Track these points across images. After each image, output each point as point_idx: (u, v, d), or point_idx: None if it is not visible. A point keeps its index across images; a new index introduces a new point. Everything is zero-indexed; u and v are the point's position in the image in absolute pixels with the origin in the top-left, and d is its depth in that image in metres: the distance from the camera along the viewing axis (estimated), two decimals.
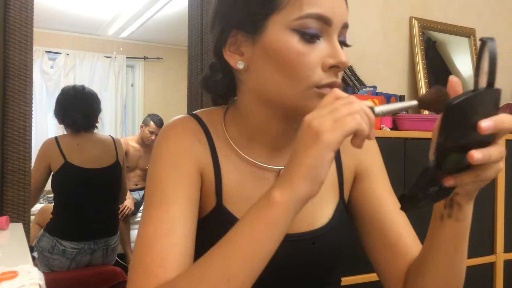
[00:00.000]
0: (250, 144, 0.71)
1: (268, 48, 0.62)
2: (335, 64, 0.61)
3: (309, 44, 0.61)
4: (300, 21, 0.60)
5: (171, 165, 0.67)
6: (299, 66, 0.61)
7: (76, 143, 2.10)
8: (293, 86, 0.62)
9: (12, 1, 1.36)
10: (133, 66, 5.41)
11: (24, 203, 1.39)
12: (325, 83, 0.62)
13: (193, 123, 0.72)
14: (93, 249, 2.09)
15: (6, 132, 1.36)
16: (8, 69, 1.36)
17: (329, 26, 0.61)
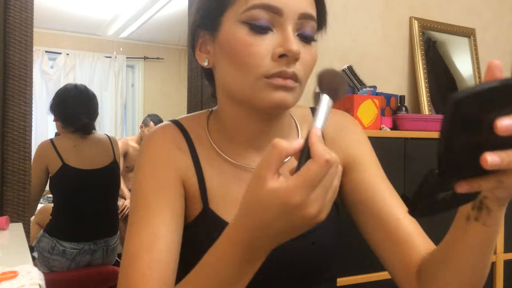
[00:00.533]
0: (232, 146, 0.71)
1: (223, 43, 0.64)
2: (283, 53, 0.60)
3: (259, 35, 0.61)
4: (247, 13, 0.61)
5: (151, 176, 0.68)
6: (247, 57, 0.61)
7: (72, 145, 2.08)
8: (244, 78, 0.62)
9: (12, 1, 1.36)
10: (133, 66, 5.41)
11: (24, 203, 1.39)
12: (274, 72, 0.61)
13: (173, 131, 0.72)
14: (93, 250, 2.09)
15: (6, 132, 1.36)
16: (8, 69, 1.36)
17: (280, 16, 0.61)
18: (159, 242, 0.62)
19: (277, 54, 0.61)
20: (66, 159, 2.03)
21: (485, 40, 2.28)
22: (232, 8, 0.63)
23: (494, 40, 2.32)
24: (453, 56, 2.17)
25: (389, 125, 1.69)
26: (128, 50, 5.19)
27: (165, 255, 0.62)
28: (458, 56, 2.18)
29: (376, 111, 1.58)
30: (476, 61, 2.20)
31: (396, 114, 1.79)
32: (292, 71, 0.62)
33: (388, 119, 1.71)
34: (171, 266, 0.62)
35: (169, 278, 0.61)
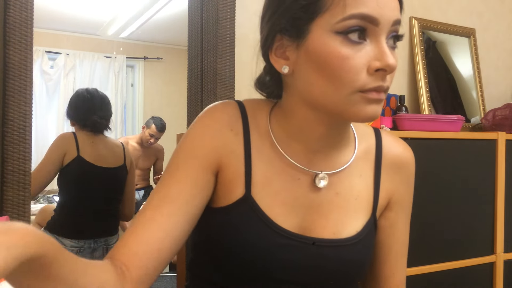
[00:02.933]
0: (288, 141, 0.70)
1: (312, 53, 0.61)
2: (381, 67, 0.58)
3: (353, 46, 0.58)
4: (343, 23, 0.58)
5: (191, 146, 0.69)
6: (343, 71, 0.59)
7: (91, 141, 2.16)
8: (337, 91, 0.60)
9: (12, 1, 1.36)
10: (133, 66, 5.41)
11: (24, 203, 1.39)
12: (371, 87, 0.59)
13: (233, 110, 0.71)
14: (93, 248, 2.10)
15: (6, 132, 1.36)
16: (8, 69, 1.36)
17: (375, 26, 0.59)
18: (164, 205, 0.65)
19: (374, 68, 0.59)
20: (82, 152, 2.09)
21: (485, 40, 2.28)
22: (324, 17, 0.59)
23: (494, 40, 2.32)
24: (453, 56, 2.17)
25: (389, 125, 1.70)
26: (128, 50, 5.19)
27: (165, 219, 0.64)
28: (458, 56, 2.18)
29: None
30: (476, 61, 2.20)
31: (396, 114, 1.79)
32: (387, 85, 0.61)
33: (388, 119, 1.71)
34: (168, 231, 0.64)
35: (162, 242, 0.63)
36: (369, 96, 0.60)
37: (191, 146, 0.69)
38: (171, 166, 0.69)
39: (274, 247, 0.67)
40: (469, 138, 1.74)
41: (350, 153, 0.73)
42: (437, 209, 1.64)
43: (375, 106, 0.61)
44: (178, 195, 0.65)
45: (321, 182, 0.69)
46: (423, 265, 1.60)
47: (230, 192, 0.69)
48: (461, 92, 2.17)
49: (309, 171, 0.70)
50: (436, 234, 1.65)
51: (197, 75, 1.82)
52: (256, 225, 0.67)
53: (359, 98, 0.60)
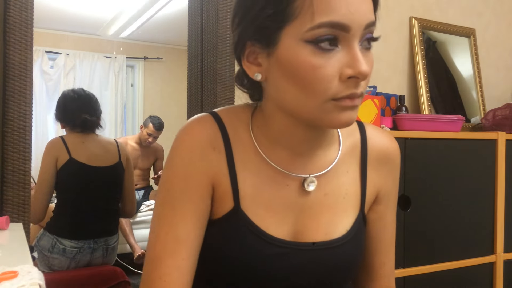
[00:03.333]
0: (273, 147, 0.69)
1: (282, 62, 0.60)
2: (353, 75, 0.57)
3: (324, 55, 0.57)
4: (313, 32, 0.56)
5: (183, 177, 0.67)
6: (315, 81, 0.57)
7: (81, 141, 2.14)
8: (310, 100, 0.59)
9: (12, 1, 1.36)
10: (133, 66, 5.41)
11: (24, 203, 1.39)
12: (344, 95, 0.58)
13: (210, 127, 0.69)
14: (93, 248, 2.10)
15: (6, 132, 1.36)
16: (8, 69, 1.36)
17: (347, 32, 0.57)
18: (182, 249, 0.65)
19: (346, 75, 0.57)
20: (73, 154, 2.07)
21: (485, 40, 2.28)
22: (293, 25, 0.57)
23: (494, 40, 2.32)
24: (453, 56, 2.17)
25: (389, 125, 1.69)
26: (128, 50, 5.19)
27: (186, 263, 0.65)
28: (458, 56, 2.18)
29: (376, 111, 1.58)
30: (476, 61, 2.20)
31: (396, 114, 1.79)
32: (361, 92, 0.60)
33: (388, 119, 1.71)
34: (190, 273, 0.66)
35: (187, 285, 0.65)
36: (342, 104, 0.59)
37: (182, 177, 0.67)
38: (167, 201, 0.67)
39: (267, 256, 0.67)
40: (469, 138, 1.74)
41: (335, 152, 0.73)
42: (437, 209, 1.64)
43: (349, 113, 0.60)
44: (188, 234, 0.66)
45: (310, 186, 0.69)
46: (423, 265, 1.60)
47: (219, 206, 0.69)
48: (461, 92, 2.17)
49: (297, 176, 0.69)
50: (436, 234, 1.65)
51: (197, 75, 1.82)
52: (248, 237, 0.67)
53: (332, 107, 0.59)
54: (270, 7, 0.58)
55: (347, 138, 0.75)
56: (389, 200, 0.79)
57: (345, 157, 0.73)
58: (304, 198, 0.70)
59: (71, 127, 2.16)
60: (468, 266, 1.70)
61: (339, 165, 0.72)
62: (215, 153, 0.68)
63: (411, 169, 1.57)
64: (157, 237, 0.66)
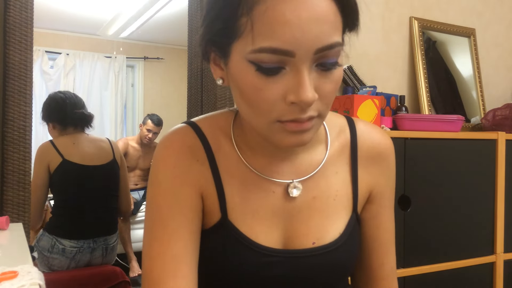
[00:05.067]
0: (255, 155, 0.68)
1: (232, 75, 0.58)
2: (295, 102, 0.54)
3: (268, 78, 0.54)
4: (254, 55, 0.53)
5: (170, 193, 0.65)
6: (258, 101, 0.55)
7: (72, 142, 2.12)
8: (257, 118, 0.58)
9: (12, 1, 1.36)
10: (133, 66, 5.41)
11: (24, 203, 1.39)
12: (288, 119, 0.56)
13: (191, 138, 0.68)
14: (92, 248, 2.10)
15: (6, 132, 1.36)
16: (8, 69, 1.36)
17: (291, 57, 0.53)
18: (182, 267, 0.63)
19: (288, 101, 0.54)
20: (66, 155, 2.06)
21: (485, 40, 2.28)
22: (239, 42, 0.55)
23: (494, 40, 2.32)
24: (453, 56, 2.17)
25: (389, 125, 1.70)
26: (128, 50, 5.19)
27: (187, 280, 0.63)
28: (458, 56, 2.18)
29: (376, 111, 1.58)
30: (476, 61, 2.20)
31: (396, 114, 1.79)
32: (308, 116, 0.56)
33: (388, 119, 1.71)
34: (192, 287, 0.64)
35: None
36: (288, 127, 0.57)
37: (168, 192, 0.65)
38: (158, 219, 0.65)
39: (257, 266, 0.66)
40: (469, 138, 1.74)
41: (322, 153, 0.71)
42: (437, 209, 1.64)
43: (298, 135, 0.58)
44: (185, 251, 0.64)
45: (294, 191, 0.67)
46: (423, 265, 1.60)
47: (207, 217, 0.68)
48: (461, 92, 2.17)
49: (282, 181, 0.68)
50: (436, 234, 1.65)
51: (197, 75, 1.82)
52: (236, 247, 0.66)
53: (279, 128, 0.57)
54: (218, 22, 0.57)
55: (336, 137, 0.73)
56: (382, 198, 0.76)
57: (333, 157, 0.71)
58: (291, 204, 0.68)
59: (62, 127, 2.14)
60: (468, 266, 1.70)
61: (328, 166, 0.70)
62: (199, 165, 0.67)
63: (411, 169, 1.57)
64: (153, 258, 0.64)
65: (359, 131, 0.73)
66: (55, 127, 2.17)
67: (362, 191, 0.73)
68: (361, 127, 0.74)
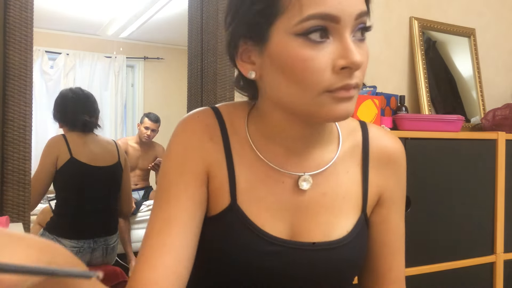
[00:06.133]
0: (269, 146, 0.69)
1: (274, 57, 0.59)
2: (346, 65, 0.56)
3: (315, 46, 0.56)
4: (302, 25, 0.56)
5: (179, 162, 0.67)
6: (306, 73, 0.57)
7: (83, 141, 2.14)
8: (304, 93, 0.59)
9: (12, 1, 1.36)
10: (133, 66, 5.41)
11: (24, 203, 1.39)
12: (338, 86, 0.58)
13: (209, 118, 0.70)
14: (92, 248, 2.10)
15: (6, 132, 1.36)
16: (8, 69, 1.35)
17: (337, 23, 0.56)
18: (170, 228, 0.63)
19: (339, 66, 0.57)
20: (74, 153, 2.07)
21: (485, 40, 2.28)
22: (282, 20, 0.57)
23: (494, 40, 2.32)
24: (453, 56, 2.17)
25: (389, 125, 1.69)
26: (128, 50, 5.19)
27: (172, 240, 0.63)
28: (458, 56, 2.18)
29: (376, 111, 1.58)
30: (476, 61, 2.20)
31: (396, 114, 1.79)
32: (355, 82, 0.59)
33: (388, 119, 1.71)
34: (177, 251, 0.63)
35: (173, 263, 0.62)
36: (337, 95, 0.58)
37: (177, 162, 0.67)
38: (163, 186, 0.67)
39: (264, 255, 0.66)
40: (469, 138, 1.74)
41: (334, 151, 0.71)
42: (437, 209, 1.64)
43: (346, 104, 0.59)
44: (180, 215, 0.64)
45: (304, 184, 0.68)
46: (423, 265, 1.60)
47: (217, 201, 0.68)
48: (461, 92, 2.17)
49: (292, 174, 0.69)
50: (436, 234, 1.65)
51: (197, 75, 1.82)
52: (244, 234, 0.66)
53: (327, 99, 0.58)
54: (259, 3, 0.58)
55: (347, 137, 0.73)
56: (393, 203, 0.76)
57: (345, 156, 0.72)
58: (300, 197, 0.69)
59: (69, 128, 2.16)
60: (468, 266, 1.70)
61: (339, 164, 0.71)
62: (212, 143, 0.68)
63: (411, 169, 1.55)
64: (149, 219, 0.66)
65: (371, 134, 0.75)
66: (62, 126, 2.19)
67: (372, 192, 0.73)
68: (373, 131, 0.75)
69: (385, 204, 0.75)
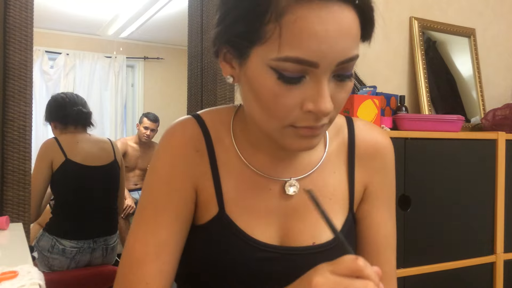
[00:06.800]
0: (254, 151, 0.69)
1: (249, 78, 0.58)
2: (313, 111, 0.55)
3: (288, 85, 0.55)
4: (278, 63, 0.54)
5: (164, 181, 0.67)
6: (275, 107, 0.56)
7: (76, 141, 2.13)
8: (269, 122, 0.59)
9: (12, 1, 1.36)
10: (133, 66, 5.41)
11: (24, 203, 1.39)
12: (302, 125, 0.57)
13: (193, 129, 0.69)
14: (92, 248, 2.10)
15: (6, 132, 1.36)
16: (8, 69, 1.35)
17: (315, 68, 0.54)
18: (165, 253, 0.64)
19: (306, 109, 0.56)
20: (69, 154, 2.06)
21: (485, 40, 2.28)
22: (262, 47, 0.55)
23: (494, 40, 2.32)
24: (453, 56, 2.17)
25: (389, 125, 1.69)
26: (128, 50, 5.19)
27: (168, 266, 0.64)
28: (458, 56, 2.18)
29: (376, 111, 1.58)
30: (476, 61, 2.20)
31: (396, 114, 1.79)
32: (322, 124, 0.58)
33: (388, 119, 1.71)
34: (171, 277, 0.65)
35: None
36: (300, 132, 0.58)
37: (164, 180, 0.67)
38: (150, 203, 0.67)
39: (254, 261, 0.66)
40: (469, 138, 1.74)
41: (320, 153, 0.71)
42: (437, 209, 1.64)
43: (309, 140, 0.59)
44: (171, 239, 0.65)
45: (291, 189, 0.68)
46: (423, 265, 1.60)
47: (205, 211, 0.68)
48: (461, 92, 2.17)
49: (279, 179, 0.69)
50: (436, 234, 1.65)
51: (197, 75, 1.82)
52: (233, 241, 0.66)
53: (291, 132, 0.58)
54: (241, 25, 0.57)
55: (334, 137, 0.73)
56: (377, 198, 0.74)
57: (331, 157, 0.72)
58: (287, 202, 0.69)
59: (63, 125, 2.14)
60: (468, 266, 1.70)
61: (325, 166, 0.71)
62: (198, 156, 0.68)
63: (411, 169, 1.56)
64: (138, 239, 0.65)
65: (357, 129, 0.74)
66: (56, 126, 2.18)
67: (358, 190, 0.73)
68: (359, 126, 0.74)
69: (368, 199, 0.74)
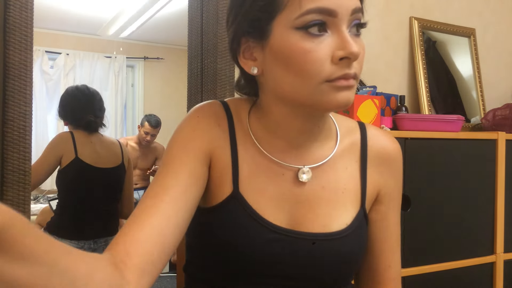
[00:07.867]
0: (270, 139, 0.71)
1: (276, 51, 0.63)
2: (344, 56, 0.60)
3: (314, 39, 0.60)
4: (301, 19, 0.60)
5: (184, 140, 0.69)
6: (307, 64, 0.60)
7: (89, 141, 2.13)
8: (305, 84, 0.62)
9: (12, 1, 1.36)
10: (133, 66, 5.41)
11: (24, 203, 1.39)
12: (337, 76, 0.61)
13: (218, 109, 0.73)
14: (93, 249, 2.09)
15: (6, 132, 1.36)
16: (8, 69, 1.35)
17: (334, 17, 0.60)
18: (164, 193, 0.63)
19: (338, 57, 0.60)
20: (79, 153, 2.06)
21: (485, 40, 2.28)
22: (282, 15, 0.61)
23: (494, 40, 2.32)
24: (453, 56, 2.17)
25: (389, 125, 1.69)
26: (128, 50, 5.19)
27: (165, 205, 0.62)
28: (458, 56, 2.18)
29: (376, 111, 1.58)
30: (476, 61, 2.20)
31: (396, 114, 1.79)
32: (354, 72, 0.62)
33: (388, 119, 1.71)
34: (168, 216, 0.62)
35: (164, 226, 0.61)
36: (337, 84, 0.61)
37: (184, 140, 0.69)
38: (166, 159, 0.69)
39: (266, 243, 0.67)
40: (469, 138, 1.74)
41: (332, 147, 0.74)
42: (437, 209, 1.64)
43: (345, 92, 0.62)
44: (176, 184, 0.65)
45: (304, 176, 0.70)
46: (423, 265, 1.60)
47: (219, 188, 0.69)
48: (461, 92, 2.17)
49: (292, 166, 0.71)
50: (436, 234, 1.65)
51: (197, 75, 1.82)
52: (247, 222, 0.68)
53: (328, 88, 0.61)
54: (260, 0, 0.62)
55: (346, 135, 0.76)
56: (391, 200, 0.79)
57: (343, 153, 0.74)
58: (300, 189, 0.71)
59: (75, 126, 2.15)
60: (468, 266, 1.70)
61: (337, 160, 0.73)
62: (220, 130, 0.71)
63: (411, 169, 1.56)
64: (149, 187, 0.66)
65: (370, 134, 0.78)
66: (67, 124, 2.18)
67: (370, 189, 0.76)
68: (372, 130, 0.78)
69: (384, 201, 0.78)
